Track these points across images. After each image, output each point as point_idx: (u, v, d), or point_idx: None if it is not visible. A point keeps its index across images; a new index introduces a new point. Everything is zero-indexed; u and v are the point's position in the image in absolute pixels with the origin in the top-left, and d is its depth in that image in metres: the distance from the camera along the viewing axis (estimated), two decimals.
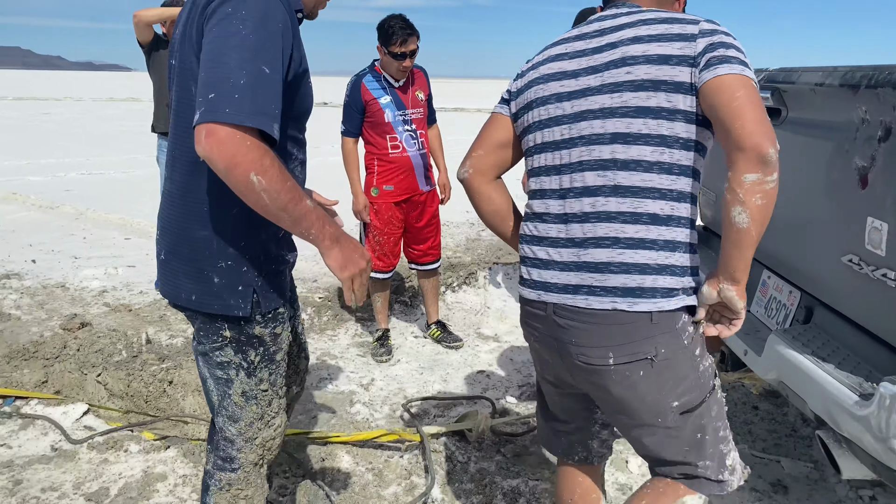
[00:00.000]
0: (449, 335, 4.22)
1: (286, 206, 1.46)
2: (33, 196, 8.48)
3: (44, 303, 4.69)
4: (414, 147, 3.84)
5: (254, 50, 1.45)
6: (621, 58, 1.63)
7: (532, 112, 1.79)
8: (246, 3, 1.48)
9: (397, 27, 3.60)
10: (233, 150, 1.39)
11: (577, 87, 1.70)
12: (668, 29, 1.62)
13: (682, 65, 1.57)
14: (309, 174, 1.85)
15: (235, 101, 1.40)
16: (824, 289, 2.44)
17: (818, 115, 2.40)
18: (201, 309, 1.68)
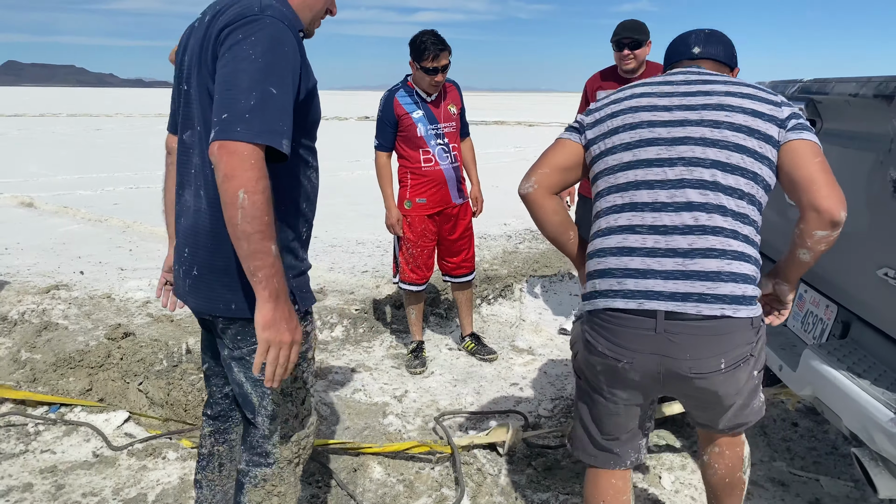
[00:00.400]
0: (483, 348, 4.23)
1: (251, 235, 1.52)
2: (83, 210, 8.76)
3: (90, 313, 4.83)
4: (446, 160, 3.87)
5: (263, 72, 1.56)
6: (718, 103, 1.88)
7: (617, 136, 1.95)
8: (256, 30, 1.60)
9: (429, 42, 3.64)
10: (235, 163, 1.50)
11: (673, 118, 1.90)
12: (757, 92, 1.91)
13: (771, 123, 1.85)
14: (350, 187, 1.90)
15: (246, 120, 1.52)
16: (860, 303, 2.39)
17: (853, 127, 2.36)
18: (241, 315, 1.76)
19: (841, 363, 2.25)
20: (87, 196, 9.97)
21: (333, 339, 4.46)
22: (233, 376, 1.88)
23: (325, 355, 4.21)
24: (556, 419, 3.46)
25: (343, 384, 3.82)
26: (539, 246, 7.09)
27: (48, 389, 3.60)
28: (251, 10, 1.65)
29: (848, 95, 2.31)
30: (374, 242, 7.16)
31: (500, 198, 10.03)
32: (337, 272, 5.95)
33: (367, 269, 6.06)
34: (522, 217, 8.67)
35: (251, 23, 1.62)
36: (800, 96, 2.63)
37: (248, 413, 1.91)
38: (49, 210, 8.84)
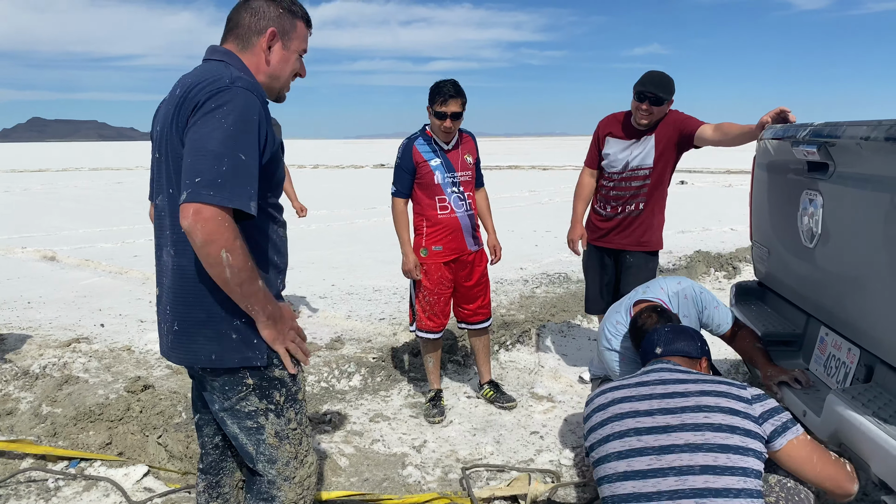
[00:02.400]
0: (502, 395, 4.19)
1: (242, 283, 1.72)
2: (104, 262, 8.87)
3: (110, 366, 4.86)
4: (462, 208, 3.90)
5: (234, 139, 1.69)
6: (696, 405, 2.05)
7: (609, 444, 2.12)
8: (227, 99, 1.72)
9: (443, 88, 3.71)
10: (212, 228, 1.64)
11: (656, 423, 2.07)
12: (729, 389, 2.12)
13: (748, 420, 2.05)
14: (366, 234, 1.93)
15: (218, 185, 1.65)
16: (883, 346, 2.36)
17: (866, 169, 2.36)
18: (223, 365, 1.85)
19: (866, 408, 2.21)
20: (108, 249, 10.11)
21: (351, 389, 4.45)
22: (228, 429, 1.97)
23: (342, 405, 4.20)
24: (578, 468, 3.41)
25: (361, 434, 3.80)
26: (556, 290, 7.08)
27: (68, 444, 3.60)
28: (222, 81, 1.77)
29: (860, 139, 2.32)
30: (391, 289, 7.18)
31: (515, 242, 10.07)
32: (354, 320, 5.96)
33: (384, 317, 6.07)
34: (539, 261, 8.69)
35: (222, 92, 1.74)
36: (812, 140, 2.64)
37: (249, 462, 1.99)
38: (71, 263, 8.97)
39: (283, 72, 2.01)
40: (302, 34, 2.03)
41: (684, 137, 3.95)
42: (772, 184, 3.30)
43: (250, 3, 1.96)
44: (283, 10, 1.97)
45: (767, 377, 2.90)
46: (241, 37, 1.95)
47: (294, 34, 2.00)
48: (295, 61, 2.03)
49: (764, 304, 3.66)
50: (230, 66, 1.88)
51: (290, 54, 2.00)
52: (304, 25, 2.03)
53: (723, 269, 8.01)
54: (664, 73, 3.93)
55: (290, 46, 2.00)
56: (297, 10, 2.01)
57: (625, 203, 4.13)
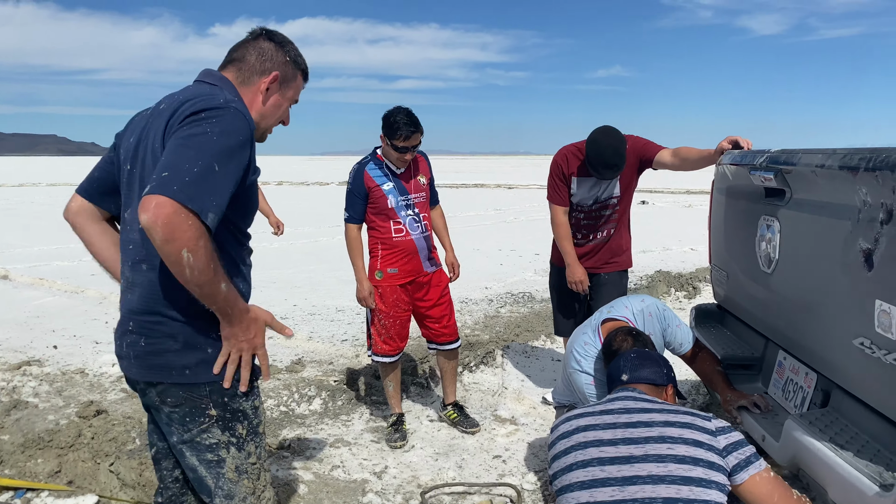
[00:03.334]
0: (466, 419, 4.14)
1: (203, 285, 1.66)
2: (59, 281, 8.65)
3: (62, 389, 4.71)
4: (417, 230, 3.86)
5: (213, 149, 1.66)
6: (660, 436, 2.05)
7: (573, 473, 2.11)
8: (220, 114, 1.71)
9: (402, 122, 3.63)
10: (174, 226, 1.57)
11: (619, 453, 2.06)
12: (693, 420, 2.13)
13: (712, 452, 2.05)
14: (329, 253, 1.88)
15: (185, 183, 1.59)
16: (839, 372, 2.39)
17: (821, 197, 2.40)
18: (197, 380, 1.81)
19: (824, 434, 2.23)
20: (63, 267, 9.86)
21: (311, 413, 4.37)
22: (185, 462, 1.91)
23: (302, 430, 4.12)
24: (541, 493, 3.38)
25: (321, 460, 3.72)
26: (520, 310, 7.08)
27: (15, 472, 3.46)
28: (216, 100, 1.76)
29: (815, 166, 2.36)
30: (355, 309, 7.11)
31: (480, 261, 10.06)
32: (316, 341, 5.88)
33: (346, 338, 6.00)
34: (504, 280, 8.69)
35: (216, 108, 1.73)
36: (769, 167, 2.68)
37: (206, 497, 1.94)
38: (24, 282, 8.72)
39: (272, 115, 2.05)
40: (298, 86, 2.10)
41: (644, 162, 4.00)
42: (730, 208, 3.34)
43: (259, 43, 2.00)
44: (289, 60, 2.03)
45: (727, 402, 2.91)
46: (244, 72, 1.98)
47: (293, 84, 2.06)
48: (285, 109, 2.09)
49: (723, 327, 3.70)
50: (223, 90, 1.89)
51: (283, 101, 2.05)
52: (302, 78, 2.10)
53: (683, 289, 8.10)
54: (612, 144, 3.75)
55: (285, 94, 2.05)
56: (301, 63, 2.07)
57: (596, 231, 4.17)
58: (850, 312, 2.20)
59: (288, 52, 2.03)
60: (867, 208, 2.08)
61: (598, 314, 3.35)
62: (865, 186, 2.08)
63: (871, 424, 2.21)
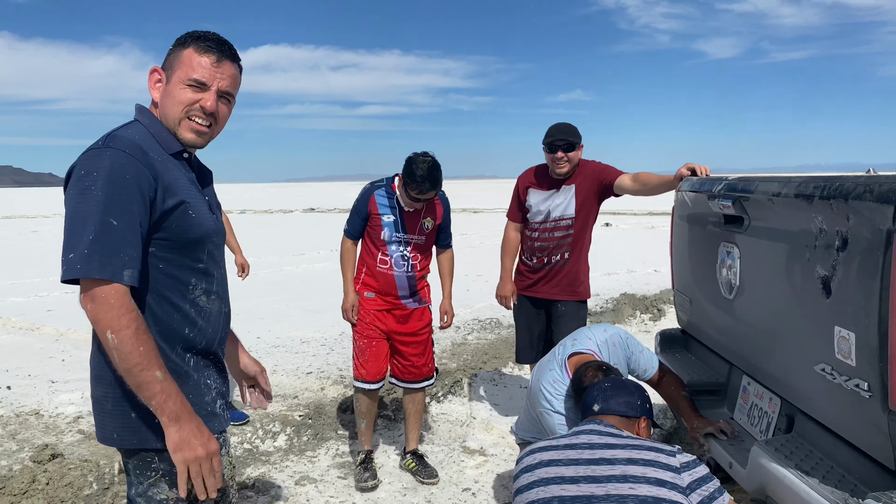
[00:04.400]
0: (424, 469, 3.92)
1: (131, 370, 1.57)
2: (14, 318, 8.40)
3: (15, 433, 4.55)
4: (402, 269, 3.77)
5: (104, 204, 1.58)
6: (623, 475, 2.01)
7: None
8: (97, 164, 1.62)
9: (419, 177, 3.51)
10: (96, 309, 1.56)
11: (580, 493, 2.02)
12: (657, 457, 2.06)
13: (675, 491, 2.00)
14: (294, 281, 1.81)
15: (85, 256, 1.54)
16: (802, 397, 2.40)
17: (779, 224, 2.43)
18: (122, 445, 1.73)
19: (789, 460, 2.24)
20: (18, 303, 9.59)
21: (276, 450, 4.27)
22: None
23: (267, 467, 4.02)
24: None
25: (287, 499, 3.63)
26: (488, 336, 7.06)
27: None
28: (97, 143, 1.68)
29: (771, 195, 2.39)
30: (320, 341, 7.03)
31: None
32: (280, 374, 5.79)
33: (311, 370, 5.91)
34: (470, 306, 8.68)
35: (92, 157, 1.64)
36: (727, 194, 2.72)
37: None
38: None
39: (168, 108, 1.79)
40: (189, 62, 1.77)
41: (604, 187, 4.05)
42: (691, 235, 3.38)
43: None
44: (174, 48, 1.80)
45: (694, 429, 2.91)
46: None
47: (177, 64, 1.78)
48: (180, 92, 1.77)
49: (688, 353, 3.72)
50: (136, 122, 1.78)
51: (172, 87, 1.78)
52: (193, 52, 1.77)
53: (648, 312, 8.17)
54: (567, 122, 4.11)
55: (171, 79, 1.79)
56: (188, 41, 1.79)
57: (549, 254, 4.18)
58: (811, 339, 2.21)
59: (176, 43, 1.81)
60: (823, 236, 2.10)
61: (562, 348, 3.22)
62: (821, 214, 2.11)
63: (834, 449, 2.22)
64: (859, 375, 1.95)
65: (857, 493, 2.00)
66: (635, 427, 2.37)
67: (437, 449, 4.29)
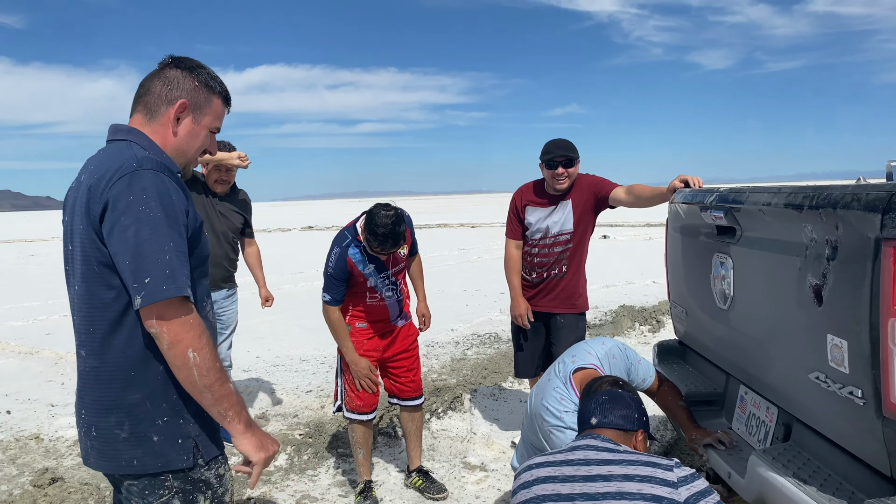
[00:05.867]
0: (432, 485, 3.92)
1: (212, 385, 1.65)
2: (13, 342, 8.39)
3: (16, 457, 4.54)
4: (392, 297, 3.79)
5: (165, 226, 1.63)
6: (618, 492, 1.99)
7: None
8: (143, 187, 1.65)
9: (381, 234, 3.42)
10: (176, 329, 1.60)
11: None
12: (653, 472, 2.02)
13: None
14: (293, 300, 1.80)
15: (167, 276, 1.60)
16: (798, 406, 2.41)
17: (770, 234, 2.45)
18: (145, 471, 1.73)
19: (787, 469, 2.25)
20: (17, 327, 9.58)
21: (277, 469, 4.26)
22: None
23: (267, 487, 4.01)
24: None
25: None
26: (487, 351, 7.06)
27: None
28: (130, 166, 1.68)
29: (762, 205, 2.41)
30: (319, 359, 7.03)
31: (446, 302, 10.04)
32: (280, 393, 5.78)
33: (311, 389, 5.91)
34: (469, 321, 8.68)
35: (135, 180, 1.65)
36: (719, 205, 2.74)
37: None
38: None
39: (189, 146, 1.89)
40: (217, 111, 1.92)
41: (600, 200, 4.09)
42: (685, 246, 3.40)
43: (165, 72, 1.85)
44: (199, 84, 1.86)
45: (692, 440, 2.92)
46: (150, 106, 1.84)
47: (207, 109, 1.89)
48: (204, 137, 1.91)
49: (685, 363, 3.73)
50: (133, 144, 1.76)
51: (199, 129, 1.89)
52: (220, 102, 1.92)
53: (647, 324, 8.18)
54: (564, 138, 4.16)
55: (200, 121, 1.88)
56: (215, 87, 1.90)
57: (549, 268, 4.22)
58: (805, 347, 2.23)
59: (198, 77, 1.87)
60: (814, 245, 2.12)
61: (563, 365, 3.13)
62: (811, 224, 2.13)
63: (831, 457, 2.23)
64: (853, 383, 1.96)
65: (854, 501, 2.01)
66: (632, 440, 2.35)
67: (438, 465, 4.29)
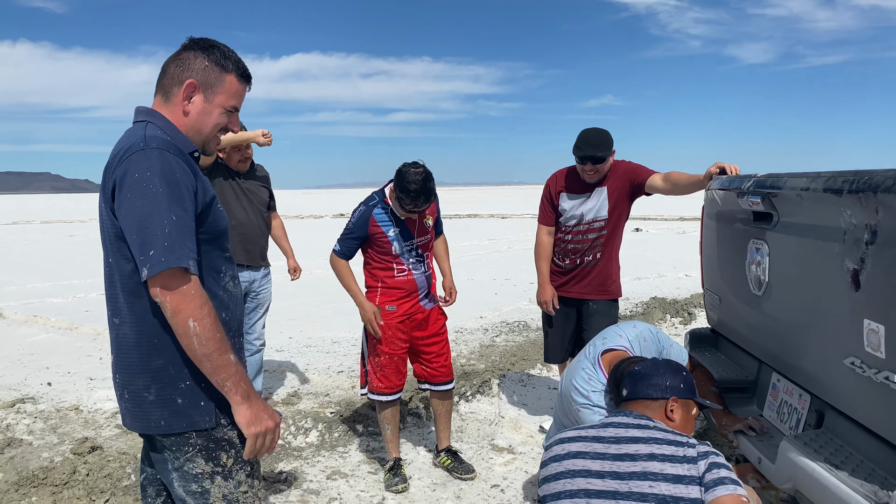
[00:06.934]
0: (461, 465, 3.96)
1: (210, 354, 1.70)
2: (53, 318, 8.62)
3: (56, 427, 4.68)
4: (420, 270, 3.81)
5: (166, 201, 1.69)
6: (643, 471, 2.02)
7: (562, 502, 2.10)
8: (148, 164, 1.71)
9: (412, 191, 3.49)
10: (178, 299, 1.67)
11: (605, 488, 2.05)
12: (675, 451, 2.05)
13: (693, 484, 1.99)
14: (325, 285, 1.87)
15: (166, 248, 1.65)
16: (832, 392, 2.40)
17: (808, 219, 2.44)
18: (171, 431, 1.81)
19: (818, 454, 2.24)
20: (57, 304, 9.83)
21: (308, 445, 4.35)
22: (174, 491, 1.89)
23: (299, 462, 4.09)
24: None
25: (318, 493, 3.70)
26: (516, 339, 7.08)
27: None
28: (137, 145, 1.75)
29: (800, 190, 2.40)
30: (350, 341, 7.11)
31: (475, 291, 10.07)
32: (312, 373, 5.87)
33: (342, 370, 5.99)
34: (498, 309, 8.70)
35: (140, 159, 1.72)
36: (756, 191, 2.73)
37: None
38: (18, 320, 8.69)
39: (203, 125, 1.92)
40: (231, 89, 1.92)
41: (636, 186, 4.06)
42: (720, 233, 3.38)
43: (180, 54, 1.89)
44: (211, 63, 1.88)
45: (722, 427, 2.91)
46: (165, 87, 1.90)
47: (220, 88, 1.90)
48: (219, 116, 1.92)
49: (717, 351, 3.71)
50: (150, 124, 1.84)
51: (212, 108, 1.91)
52: (235, 80, 1.93)
53: (678, 315, 8.12)
54: (597, 129, 4.04)
55: (212, 100, 1.90)
56: (228, 65, 1.90)
57: (582, 255, 4.20)
58: (840, 333, 2.22)
59: (210, 56, 1.88)
60: (852, 229, 2.11)
61: (593, 347, 3.14)
62: (850, 208, 2.11)
63: (864, 444, 2.22)
64: (889, 367, 1.95)
65: (886, 486, 2.00)
66: (664, 409, 2.31)
67: (466, 446, 4.33)
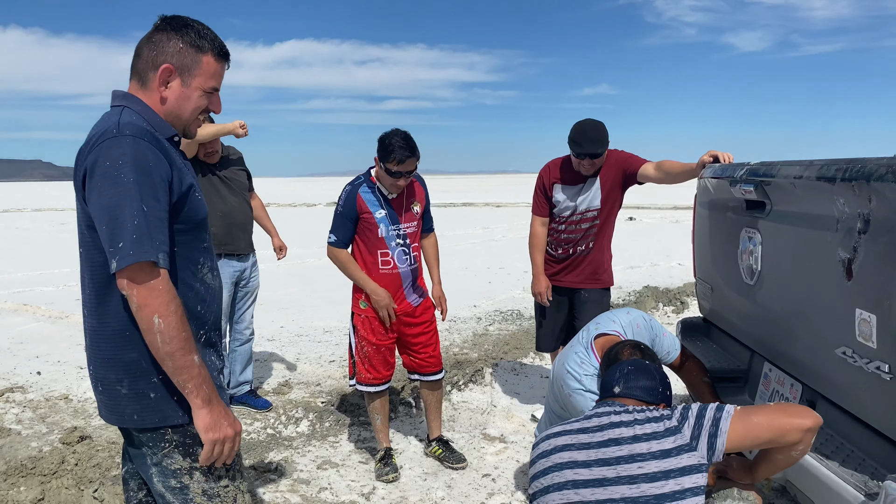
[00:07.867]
0: (452, 454, 3.94)
1: (173, 353, 1.64)
2: (43, 307, 8.57)
3: (45, 416, 4.65)
4: (405, 263, 3.70)
5: (137, 191, 1.62)
6: (629, 454, 2.00)
7: (549, 496, 2.10)
8: (120, 152, 1.64)
9: (397, 146, 3.44)
10: (145, 293, 1.61)
11: (592, 476, 2.04)
12: (656, 427, 2.04)
13: (682, 453, 1.97)
14: (317, 274, 1.86)
15: (134, 241, 1.60)
16: (823, 382, 2.39)
17: (800, 208, 2.42)
18: (144, 425, 1.77)
19: None
20: (47, 292, 9.78)
21: (299, 435, 4.33)
22: (154, 487, 1.86)
23: (289, 452, 4.08)
24: None
25: (308, 482, 3.68)
26: (509, 327, 7.07)
27: None
28: (110, 131, 1.68)
29: (793, 178, 2.38)
30: (342, 330, 7.09)
31: (469, 279, 10.07)
32: (303, 363, 5.85)
33: (334, 359, 5.97)
34: (492, 298, 8.69)
35: (112, 146, 1.65)
36: (749, 179, 2.71)
37: None
38: (8, 308, 8.63)
39: (182, 110, 1.84)
40: (209, 70, 1.83)
41: (628, 176, 4.04)
42: (713, 221, 3.37)
43: (153, 36, 1.80)
44: (185, 45, 1.79)
45: None
46: (140, 71, 1.81)
47: (197, 70, 1.81)
48: (198, 99, 1.85)
49: (709, 340, 3.71)
50: (126, 109, 1.77)
51: (190, 92, 1.83)
52: (212, 60, 1.83)
53: (671, 304, 8.13)
54: (594, 123, 3.96)
55: (190, 84, 1.82)
56: (203, 45, 1.81)
57: (575, 244, 4.19)
58: (832, 322, 2.21)
59: (184, 37, 1.79)
60: (845, 218, 2.09)
61: (586, 332, 3.15)
62: (843, 197, 2.10)
63: (854, 434, 2.21)
64: (880, 357, 1.94)
65: (876, 476, 2.00)
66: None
67: (458, 436, 4.32)
